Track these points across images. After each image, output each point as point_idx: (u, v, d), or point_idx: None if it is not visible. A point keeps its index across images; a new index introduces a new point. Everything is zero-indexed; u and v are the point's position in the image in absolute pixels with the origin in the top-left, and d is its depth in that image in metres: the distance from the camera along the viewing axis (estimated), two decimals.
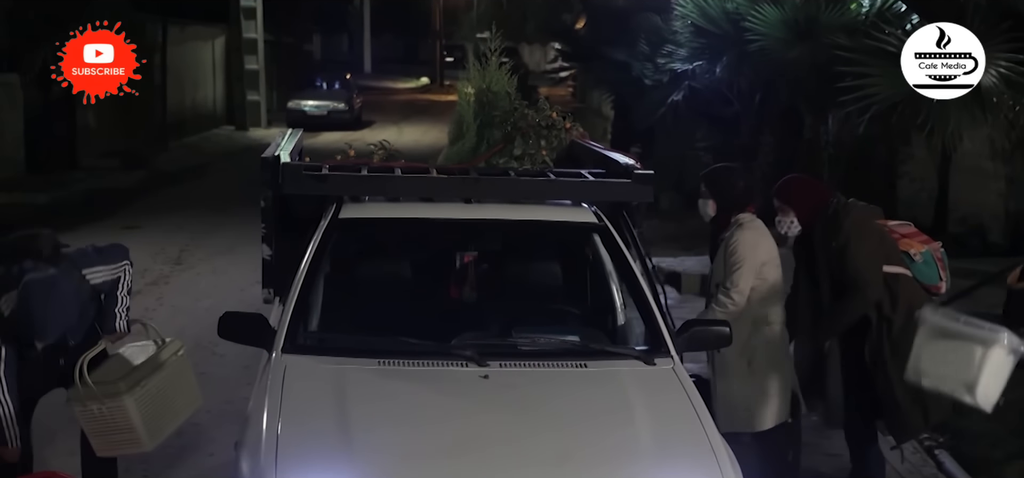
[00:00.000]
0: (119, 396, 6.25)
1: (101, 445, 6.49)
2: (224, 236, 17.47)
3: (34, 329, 6.02)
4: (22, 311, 5.93)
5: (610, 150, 8.84)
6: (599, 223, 7.03)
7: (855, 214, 6.94)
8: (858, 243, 6.83)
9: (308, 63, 52.71)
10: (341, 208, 6.98)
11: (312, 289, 6.52)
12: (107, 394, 6.26)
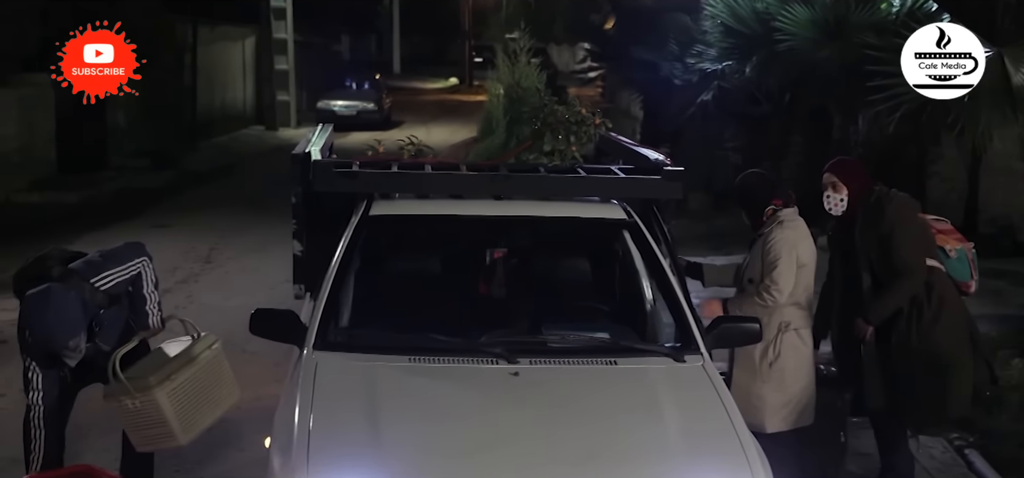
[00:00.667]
0: (150, 390, 6.31)
1: (138, 440, 6.57)
2: (254, 235, 17.53)
3: (38, 340, 6.24)
4: (25, 325, 6.26)
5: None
6: (629, 220, 7.04)
7: (898, 202, 7.08)
8: (903, 230, 6.98)
9: (337, 63, 52.78)
10: (371, 205, 7.00)
11: (343, 286, 6.54)
12: (139, 389, 6.31)
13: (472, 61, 63.21)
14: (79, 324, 6.29)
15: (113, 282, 6.53)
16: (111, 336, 6.62)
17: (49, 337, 6.21)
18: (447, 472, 5.11)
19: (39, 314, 6.15)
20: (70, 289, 6.27)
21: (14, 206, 20.21)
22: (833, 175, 7.20)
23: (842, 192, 7.14)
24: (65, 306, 6.19)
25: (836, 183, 7.16)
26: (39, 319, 6.16)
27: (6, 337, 11.48)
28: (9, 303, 12.67)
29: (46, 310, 6.14)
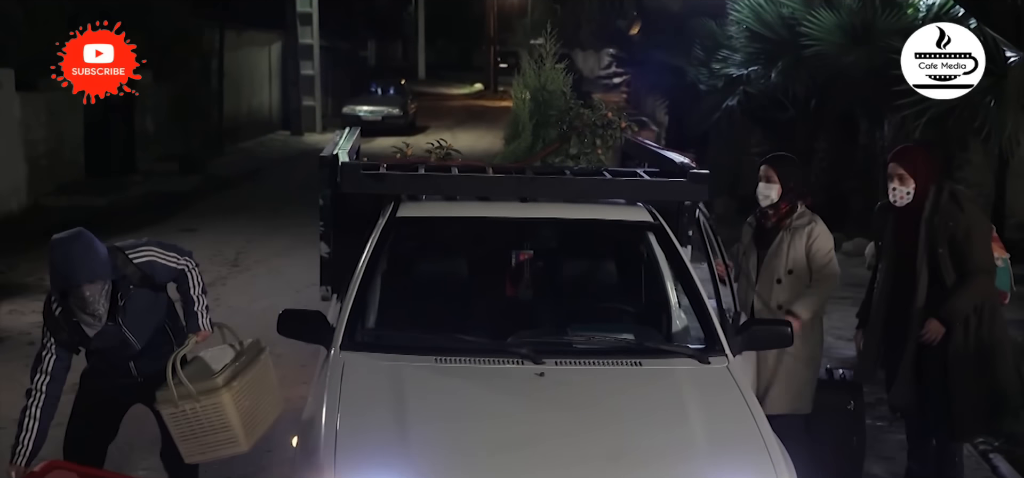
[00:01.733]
0: (217, 392, 6.07)
1: (192, 449, 6.26)
2: (280, 239, 17.60)
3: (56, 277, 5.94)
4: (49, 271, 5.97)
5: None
6: (654, 222, 7.06)
7: (973, 201, 7.09)
8: (981, 229, 6.98)
9: (363, 69, 52.93)
10: (399, 207, 7.04)
11: (370, 287, 6.57)
12: (203, 391, 6.06)
13: (497, 67, 63.26)
14: (102, 272, 5.93)
15: (148, 259, 6.23)
16: (141, 330, 6.31)
17: (69, 272, 5.84)
18: (474, 471, 5.13)
19: (63, 250, 5.84)
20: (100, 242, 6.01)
21: (43, 209, 20.32)
22: (900, 166, 7.00)
23: (910, 185, 6.95)
24: (91, 248, 5.89)
25: (903, 175, 6.96)
26: (62, 254, 5.84)
27: (34, 339, 11.59)
28: (14, 304, 12.83)
29: (71, 245, 5.84)
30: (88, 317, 6.02)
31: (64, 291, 5.97)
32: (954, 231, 6.85)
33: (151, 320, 6.40)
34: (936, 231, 6.89)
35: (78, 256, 5.84)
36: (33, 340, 11.59)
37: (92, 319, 6.03)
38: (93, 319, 6.03)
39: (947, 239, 6.85)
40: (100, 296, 5.96)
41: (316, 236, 7.82)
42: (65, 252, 5.83)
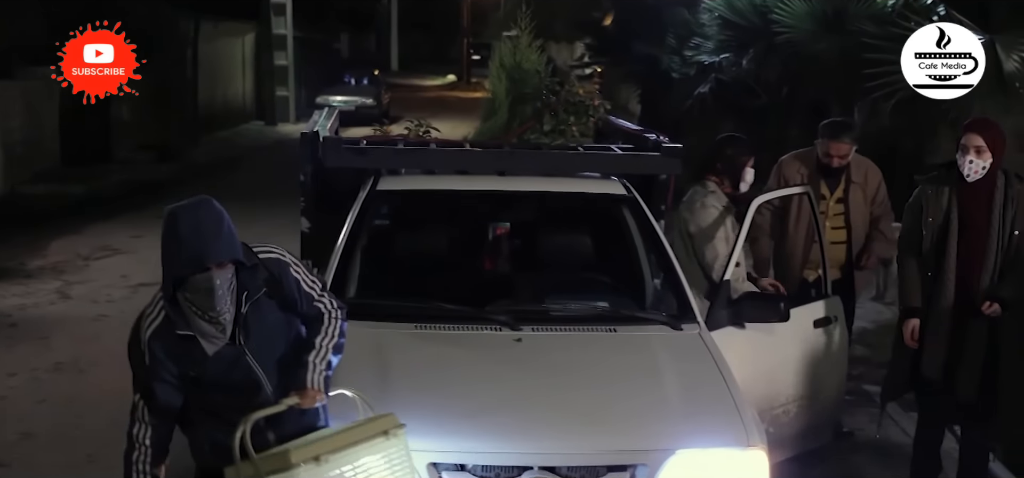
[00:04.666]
0: (290, 470, 4.40)
1: None
2: (258, 226, 17.54)
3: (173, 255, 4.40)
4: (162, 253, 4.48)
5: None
6: (628, 195, 7.23)
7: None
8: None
9: (336, 60, 52.87)
10: (379, 180, 7.18)
11: (351, 258, 6.69)
12: (273, 468, 4.39)
13: (470, 59, 63.33)
14: (236, 248, 4.52)
15: (275, 257, 4.82)
16: (269, 364, 4.72)
17: (201, 248, 4.35)
18: (456, 432, 5.24)
19: (192, 219, 4.39)
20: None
21: (20, 198, 20.35)
22: (979, 137, 6.56)
23: (987, 158, 6.54)
24: (223, 217, 4.49)
25: (982, 148, 6.53)
26: (191, 224, 4.37)
27: (15, 321, 11.69)
28: (15, 288, 12.90)
29: (200, 213, 4.42)
30: (210, 326, 4.51)
31: (182, 281, 4.40)
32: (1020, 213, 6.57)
33: (279, 347, 4.79)
34: (1017, 212, 6.58)
35: (211, 227, 4.42)
36: (15, 321, 11.74)
37: (215, 329, 4.52)
38: (216, 329, 4.52)
39: (1010, 221, 6.58)
40: (228, 290, 4.49)
41: (294, 222, 7.94)
42: (195, 222, 4.38)
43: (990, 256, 6.60)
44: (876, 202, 8.23)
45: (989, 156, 6.52)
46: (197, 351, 4.50)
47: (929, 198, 6.77)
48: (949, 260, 6.68)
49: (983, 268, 6.62)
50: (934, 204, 6.74)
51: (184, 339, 4.47)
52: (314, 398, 4.70)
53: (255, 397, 4.58)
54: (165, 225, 4.39)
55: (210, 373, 4.52)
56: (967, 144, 6.57)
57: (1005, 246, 6.58)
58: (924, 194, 6.81)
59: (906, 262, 6.97)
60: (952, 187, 6.69)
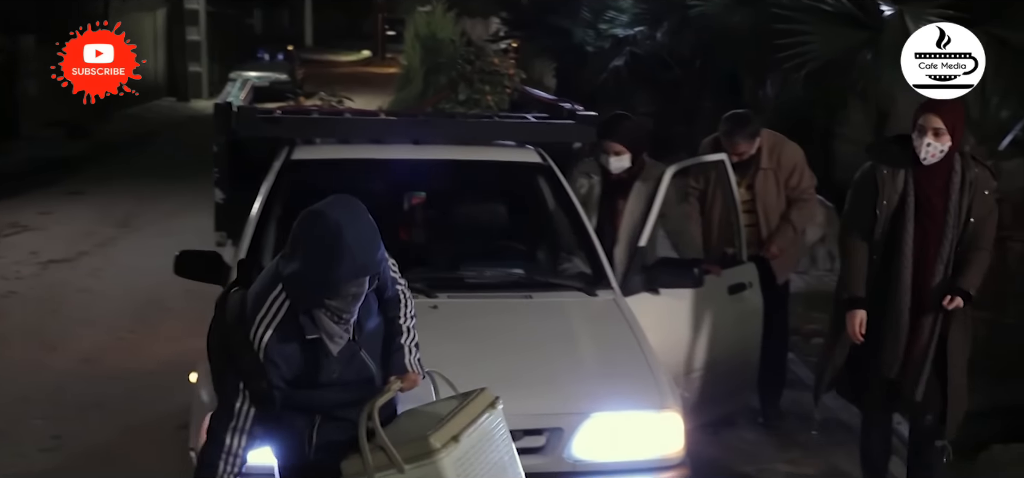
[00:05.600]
0: (432, 457, 4.15)
1: None
2: (171, 201, 17.51)
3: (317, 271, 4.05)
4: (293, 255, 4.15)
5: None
6: (544, 163, 7.25)
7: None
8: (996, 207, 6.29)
9: (249, 36, 52.45)
10: (293, 150, 7.14)
11: (266, 228, 6.64)
12: (414, 454, 4.15)
13: (384, 34, 63.09)
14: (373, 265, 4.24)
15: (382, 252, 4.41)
16: (373, 345, 4.49)
17: (367, 258, 4.12)
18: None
19: (356, 227, 4.12)
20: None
21: None
22: (937, 118, 6.07)
23: (946, 142, 6.06)
24: (372, 222, 4.28)
25: (940, 130, 6.05)
26: (356, 233, 4.09)
27: None
28: None
29: (361, 219, 4.20)
30: (339, 328, 4.23)
31: (336, 287, 4.08)
32: (987, 202, 6.20)
33: (378, 338, 4.56)
34: (973, 198, 6.16)
35: (371, 233, 4.22)
36: None
37: (342, 328, 4.25)
38: (342, 328, 4.26)
39: (968, 209, 6.15)
40: (360, 297, 4.24)
41: (208, 198, 7.88)
42: (358, 229, 4.14)
43: (946, 245, 6.17)
44: (791, 185, 8.10)
45: (948, 139, 6.06)
46: (321, 352, 4.23)
47: (884, 179, 6.20)
48: (905, 248, 6.20)
49: (938, 258, 6.19)
50: (890, 186, 6.20)
51: (310, 342, 4.19)
52: (415, 381, 4.55)
53: (367, 390, 4.36)
54: (321, 230, 4.06)
55: (330, 372, 4.28)
56: (925, 125, 6.09)
57: (960, 234, 6.17)
58: (879, 174, 6.23)
59: (853, 245, 6.40)
60: (908, 169, 6.18)
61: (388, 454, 4.16)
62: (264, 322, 4.13)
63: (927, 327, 6.26)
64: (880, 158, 6.31)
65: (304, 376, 4.22)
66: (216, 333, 4.28)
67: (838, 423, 8.27)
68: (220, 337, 4.25)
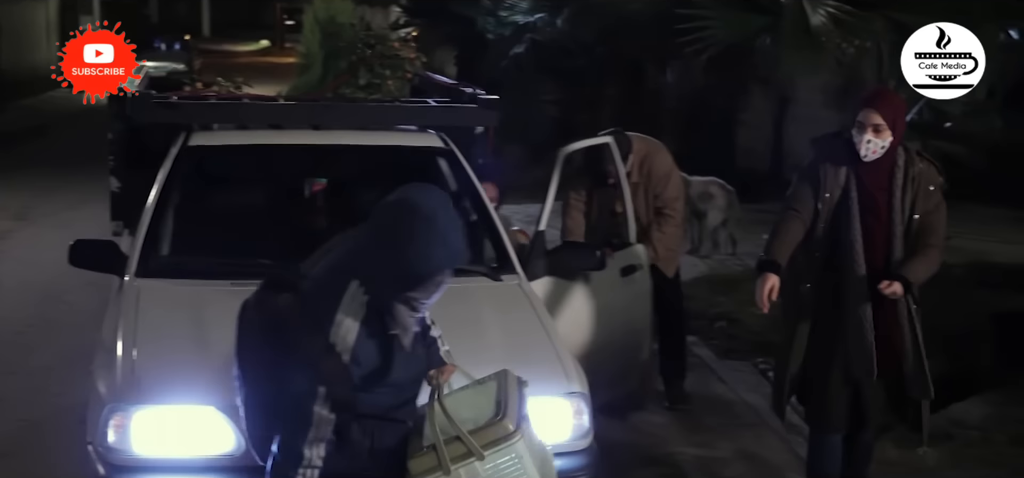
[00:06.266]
0: (511, 440, 4.13)
1: None
2: (69, 193, 17.17)
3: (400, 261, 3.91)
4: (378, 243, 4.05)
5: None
6: (445, 147, 7.19)
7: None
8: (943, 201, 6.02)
9: (146, 25, 51.80)
10: (190, 136, 7.01)
11: (163, 216, 6.52)
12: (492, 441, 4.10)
13: (284, 24, 62.55)
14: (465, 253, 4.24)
15: None
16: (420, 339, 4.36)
17: (460, 246, 4.02)
18: None
19: (445, 212, 3.97)
20: None
21: None
22: (877, 114, 5.82)
23: (887, 138, 5.84)
24: (458, 216, 4.14)
25: (880, 126, 5.81)
26: (453, 221, 3.98)
27: None
28: None
29: (448, 207, 4.02)
30: (413, 320, 4.12)
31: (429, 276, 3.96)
32: (930, 200, 5.93)
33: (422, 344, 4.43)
34: (916, 194, 5.91)
35: (459, 221, 4.11)
36: None
37: (415, 324, 4.17)
38: (416, 323, 4.19)
39: (910, 206, 5.90)
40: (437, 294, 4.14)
41: (106, 189, 7.73)
42: (451, 218, 4.00)
43: (895, 243, 5.91)
44: (660, 196, 7.98)
45: (889, 135, 5.82)
46: (395, 348, 4.06)
47: (827, 173, 5.95)
48: (855, 244, 5.91)
49: (887, 256, 5.92)
50: (832, 180, 5.95)
51: (386, 339, 4.03)
52: (452, 372, 4.45)
53: (415, 390, 4.26)
54: (414, 219, 3.87)
55: (397, 371, 4.09)
56: (864, 122, 5.83)
57: (905, 231, 5.91)
58: (821, 168, 5.97)
59: (787, 220, 6.07)
60: (850, 164, 5.94)
61: (467, 443, 4.06)
62: (346, 321, 3.93)
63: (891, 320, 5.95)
64: (822, 152, 6.05)
65: (375, 375, 4.02)
66: (270, 345, 4.09)
67: (746, 405, 8.33)
68: (281, 347, 4.04)
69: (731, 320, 10.53)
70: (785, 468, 7.07)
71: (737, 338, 10.03)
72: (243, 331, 4.23)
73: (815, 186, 5.98)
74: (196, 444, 5.10)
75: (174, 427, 5.11)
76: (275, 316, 4.08)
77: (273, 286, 4.25)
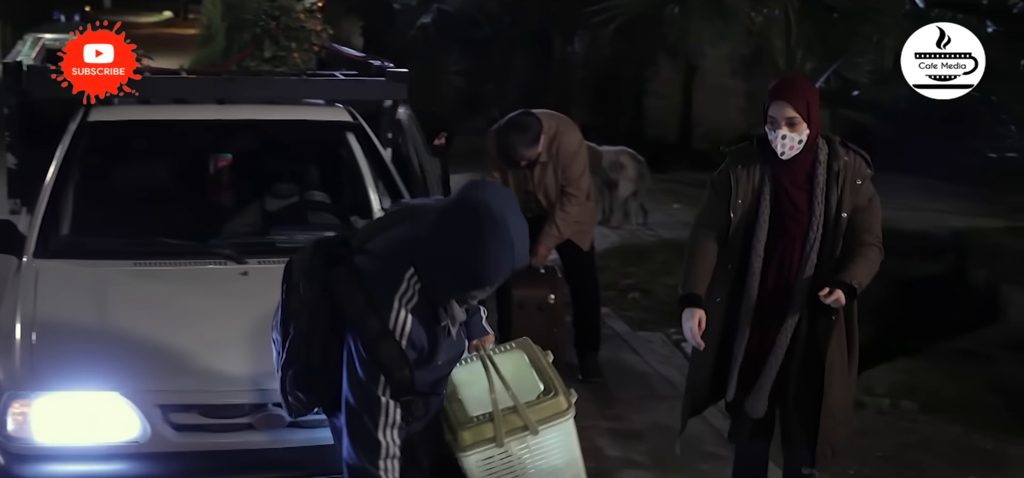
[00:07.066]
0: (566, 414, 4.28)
1: None
2: None
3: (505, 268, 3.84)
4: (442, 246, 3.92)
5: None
6: (354, 122, 7.07)
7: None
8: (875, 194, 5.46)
9: None
10: (90, 111, 6.81)
11: (63, 193, 6.34)
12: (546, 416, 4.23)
13: None
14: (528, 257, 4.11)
15: None
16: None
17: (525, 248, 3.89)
18: (183, 371, 5.07)
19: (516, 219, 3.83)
20: None
21: None
22: (790, 107, 5.27)
23: (803, 132, 5.27)
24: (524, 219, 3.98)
25: (795, 120, 5.25)
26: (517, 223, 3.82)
27: None
28: None
29: (517, 212, 3.88)
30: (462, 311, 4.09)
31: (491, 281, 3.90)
32: (857, 197, 5.35)
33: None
34: (842, 190, 5.35)
35: (525, 226, 3.96)
36: None
37: (465, 314, 4.16)
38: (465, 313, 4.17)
39: (852, 202, 5.34)
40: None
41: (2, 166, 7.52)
42: (519, 222, 3.87)
43: (810, 246, 5.36)
44: (566, 176, 7.78)
45: (805, 128, 5.27)
46: (442, 333, 4.00)
47: (739, 177, 5.41)
48: (754, 255, 5.41)
49: (802, 261, 5.37)
50: (745, 184, 5.41)
51: (442, 328, 3.98)
52: (491, 340, 4.51)
53: (455, 363, 4.25)
54: (482, 223, 3.74)
55: (444, 351, 4.06)
56: (777, 116, 5.28)
57: (831, 232, 5.35)
58: (733, 173, 5.44)
59: (699, 243, 5.51)
60: (765, 165, 5.40)
61: (523, 417, 4.12)
62: (402, 307, 3.87)
63: (780, 339, 5.43)
64: (736, 156, 5.50)
65: (422, 359, 3.97)
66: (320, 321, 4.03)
67: (660, 377, 8.31)
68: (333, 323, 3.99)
69: (643, 291, 10.52)
70: (700, 439, 7.03)
71: (650, 309, 10.03)
72: (289, 295, 4.19)
73: (726, 194, 5.44)
74: (100, 431, 4.98)
75: (76, 414, 4.98)
76: (327, 291, 3.99)
77: (323, 254, 4.14)
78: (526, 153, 7.52)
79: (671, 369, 8.39)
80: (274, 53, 7.80)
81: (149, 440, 4.94)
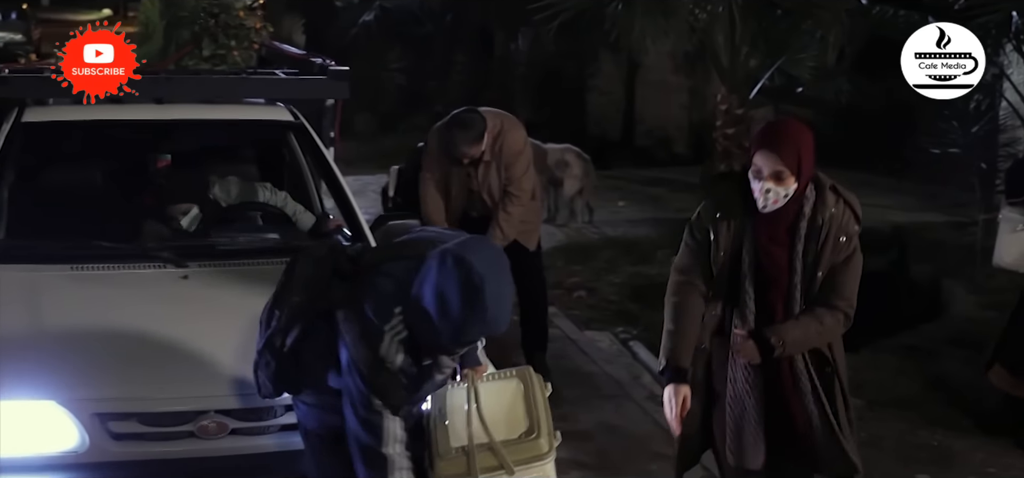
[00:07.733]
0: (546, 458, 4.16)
1: None
2: None
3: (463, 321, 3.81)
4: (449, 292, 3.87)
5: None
6: (296, 121, 6.98)
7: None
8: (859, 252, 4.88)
9: None
10: (24, 112, 6.69)
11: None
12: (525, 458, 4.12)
13: None
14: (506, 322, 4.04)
15: None
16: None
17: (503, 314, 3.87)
18: (121, 379, 4.98)
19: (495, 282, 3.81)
20: None
21: None
22: (779, 161, 4.65)
23: (789, 185, 4.66)
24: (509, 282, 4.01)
25: (782, 174, 4.64)
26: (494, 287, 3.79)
27: None
28: None
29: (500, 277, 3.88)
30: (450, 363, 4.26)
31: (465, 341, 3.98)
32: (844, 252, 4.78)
33: None
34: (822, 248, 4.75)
35: (508, 290, 3.99)
36: None
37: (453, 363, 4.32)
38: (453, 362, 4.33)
39: (831, 261, 4.76)
40: None
41: None
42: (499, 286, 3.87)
43: (793, 303, 4.79)
44: (508, 176, 7.62)
45: (793, 183, 4.66)
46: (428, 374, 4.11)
47: (720, 230, 4.81)
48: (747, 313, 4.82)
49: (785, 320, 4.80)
50: (725, 235, 4.81)
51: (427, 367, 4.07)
52: (484, 371, 4.56)
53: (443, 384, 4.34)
54: (462, 290, 3.74)
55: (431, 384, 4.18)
56: (762, 168, 4.68)
57: (806, 293, 4.78)
58: (713, 226, 4.83)
59: (684, 294, 4.92)
60: (746, 216, 4.80)
61: (499, 457, 4.05)
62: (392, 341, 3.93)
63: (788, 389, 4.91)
64: (717, 205, 4.87)
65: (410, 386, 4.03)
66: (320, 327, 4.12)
67: (607, 376, 8.28)
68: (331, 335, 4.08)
69: (589, 289, 10.48)
70: (648, 439, 7.01)
71: (596, 308, 10.00)
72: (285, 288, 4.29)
73: (705, 243, 4.85)
74: (36, 442, 4.86)
75: (12, 424, 4.84)
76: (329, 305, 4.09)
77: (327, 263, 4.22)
78: (469, 151, 7.43)
79: (618, 368, 8.37)
80: (213, 51, 7.69)
81: (88, 450, 4.84)
